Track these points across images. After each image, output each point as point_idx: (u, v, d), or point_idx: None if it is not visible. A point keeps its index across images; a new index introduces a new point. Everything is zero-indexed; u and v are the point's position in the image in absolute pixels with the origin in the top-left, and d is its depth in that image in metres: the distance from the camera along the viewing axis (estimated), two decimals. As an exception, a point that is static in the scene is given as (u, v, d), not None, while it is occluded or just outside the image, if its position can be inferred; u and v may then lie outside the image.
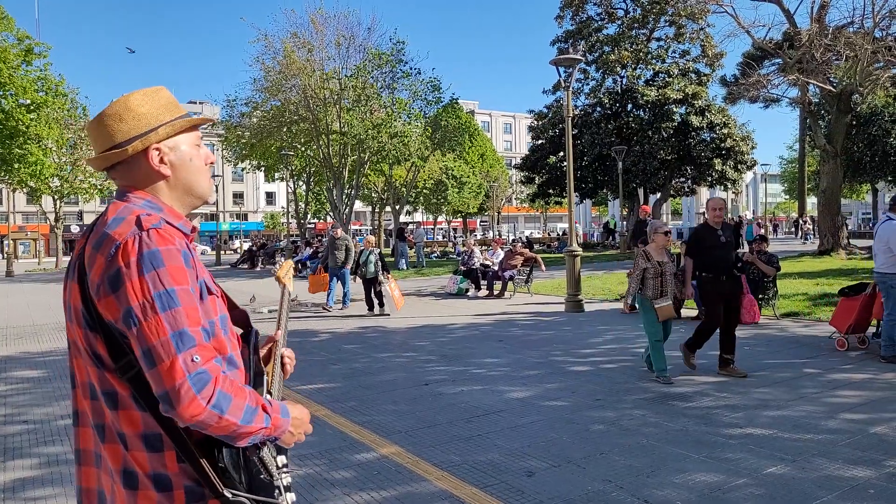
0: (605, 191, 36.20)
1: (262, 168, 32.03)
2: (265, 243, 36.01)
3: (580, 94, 34.34)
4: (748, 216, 51.33)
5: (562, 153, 32.24)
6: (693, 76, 32.44)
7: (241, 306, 1.61)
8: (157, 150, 1.44)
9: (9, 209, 42.19)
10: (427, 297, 14.78)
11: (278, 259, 24.53)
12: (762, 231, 28.14)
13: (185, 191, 1.50)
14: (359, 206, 48.85)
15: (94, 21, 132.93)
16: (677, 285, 6.55)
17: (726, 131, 30.71)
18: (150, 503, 1.33)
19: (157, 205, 1.44)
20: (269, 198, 73.36)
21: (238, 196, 72.45)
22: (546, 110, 35.34)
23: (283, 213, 55.74)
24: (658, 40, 33.77)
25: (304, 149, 27.70)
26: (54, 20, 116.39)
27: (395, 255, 25.69)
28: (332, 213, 27.47)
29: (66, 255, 48.73)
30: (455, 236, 54.74)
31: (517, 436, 4.75)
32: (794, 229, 45.23)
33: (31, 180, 31.21)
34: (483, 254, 15.86)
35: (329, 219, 32.86)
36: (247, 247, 37.51)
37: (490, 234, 53.90)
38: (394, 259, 25.27)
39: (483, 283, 14.63)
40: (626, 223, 31.12)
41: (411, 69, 25.49)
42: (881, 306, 6.92)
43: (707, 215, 6.67)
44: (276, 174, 33.00)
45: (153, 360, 1.24)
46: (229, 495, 1.32)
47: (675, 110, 30.93)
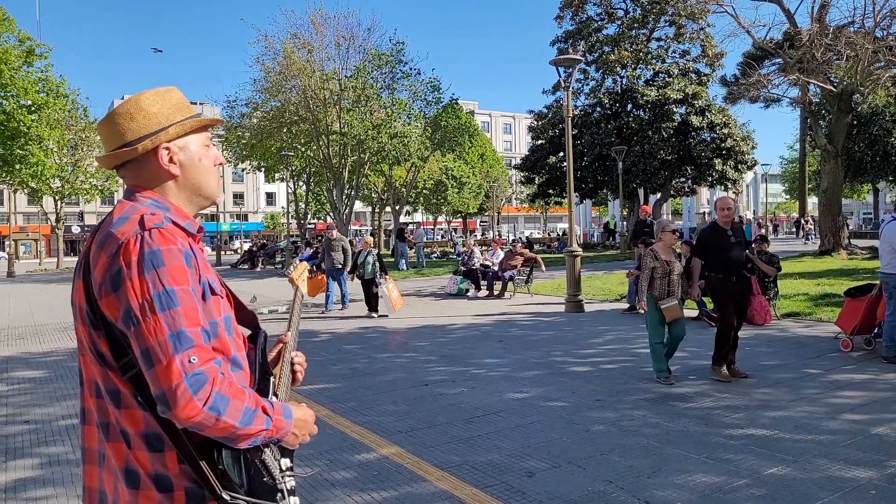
0: (605, 191, 36.20)
1: (263, 168, 32.04)
2: (265, 244, 36.05)
3: (580, 95, 34.37)
4: (748, 216, 51.29)
5: (562, 153, 32.25)
6: (693, 76, 32.43)
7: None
8: (166, 149, 1.44)
9: (10, 210, 42.16)
10: (427, 298, 14.78)
11: (289, 262, 24.53)
12: (762, 231, 28.12)
13: (194, 191, 1.50)
14: (359, 206, 48.85)
15: (94, 21, 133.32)
16: (684, 285, 6.48)
17: (727, 131, 30.70)
18: (151, 503, 1.32)
19: (164, 204, 1.44)
20: (270, 198, 73.40)
21: (238, 196, 72.48)
22: (546, 110, 35.34)
23: (283, 214, 55.75)
24: (658, 40, 33.78)
25: (304, 149, 27.71)
26: (55, 21, 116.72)
27: (395, 255, 25.69)
28: (331, 214, 27.48)
29: (67, 256, 48.79)
30: (455, 236, 54.67)
31: (517, 436, 4.74)
32: (794, 229, 45.19)
33: (32, 181, 31.25)
34: (483, 254, 15.85)
35: (329, 219, 32.83)
36: (247, 247, 37.56)
37: (490, 235, 53.89)
38: (394, 259, 25.27)
39: (483, 283, 14.63)
40: (626, 223, 31.10)
41: (411, 70, 25.53)
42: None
43: (716, 215, 6.54)
44: (277, 175, 33.00)
45: (151, 360, 1.24)
46: (227, 498, 1.31)
47: (675, 110, 30.92)
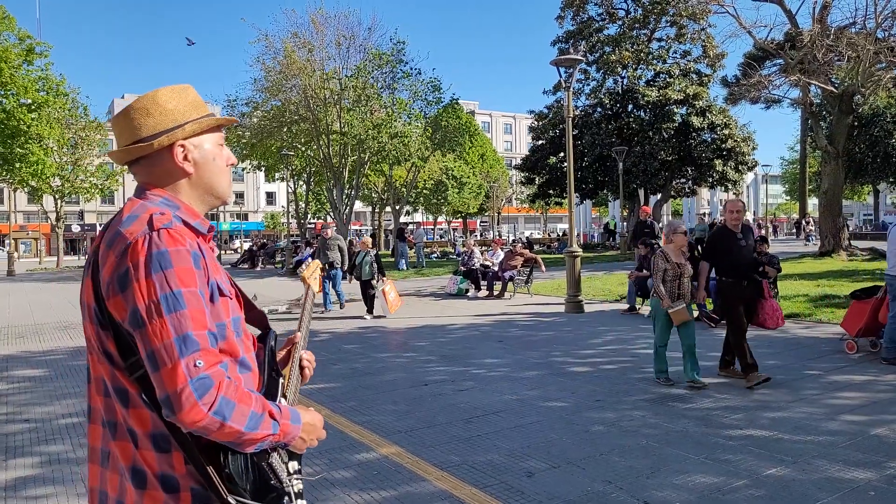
0: (605, 191, 36.18)
1: (263, 168, 32.02)
2: (265, 243, 36.06)
3: (581, 95, 34.33)
4: (748, 217, 51.29)
5: (562, 154, 32.23)
6: (694, 77, 32.40)
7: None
8: (181, 146, 1.43)
9: (10, 208, 42.16)
10: (427, 298, 14.79)
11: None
12: (762, 232, 28.12)
13: (206, 190, 1.49)
14: (359, 206, 48.87)
15: (94, 21, 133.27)
16: (692, 289, 6.29)
17: (727, 132, 30.68)
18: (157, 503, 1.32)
19: (175, 202, 1.43)
20: (270, 198, 73.40)
21: (238, 196, 72.40)
22: (546, 111, 35.32)
23: (283, 213, 55.75)
24: (659, 41, 33.75)
25: (304, 149, 27.70)
26: (55, 20, 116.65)
27: (395, 255, 25.69)
28: (332, 213, 27.49)
29: (67, 255, 48.79)
30: (455, 237, 54.69)
31: (517, 436, 4.75)
32: (795, 230, 45.20)
33: (32, 180, 31.25)
34: (483, 254, 15.86)
35: (329, 218, 32.84)
36: (247, 247, 37.57)
37: (490, 235, 53.89)
38: (394, 259, 25.27)
39: (483, 283, 14.64)
40: (626, 224, 31.10)
41: (411, 69, 25.50)
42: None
43: (725, 218, 6.43)
44: (277, 174, 32.98)
45: (156, 363, 1.23)
46: (233, 502, 1.30)
47: (675, 111, 30.90)
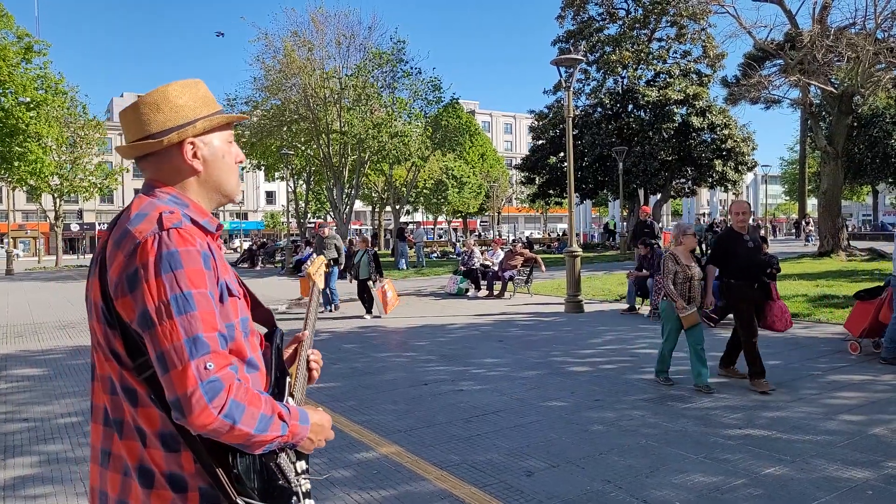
0: (605, 191, 36.17)
1: (263, 167, 32.05)
2: (265, 242, 36.05)
3: (581, 95, 34.34)
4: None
5: (562, 153, 32.23)
6: (694, 77, 32.40)
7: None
8: (191, 144, 1.41)
9: (9, 207, 42.12)
10: (427, 297, 14.79)
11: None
12: (762, 232, 28.12)
13: (215, 188, 1.47)
14: (359, 205, 48.90)
15: (94, 21, 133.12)
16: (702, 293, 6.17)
17: (727, 132, 30.69)
18: (164, 503, 1.30)
19: (184, 200, 1.41)
20: (270, 197, 73.40)
21: (238, 195, 72.50)
22: (547, 111, 35.31)
23: (283, 213, 55.77)
24: (659, 41, 33.75)
25: (304, 148, 27.71)
26: (54, 20, 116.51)
27: (395, 254, 25.69)
28: (332, 213, 27.49)
29: (66, 254, 48.76)
30: (456, 237, 54.71)
31: (516, 436, 4.75)
32: (794, 231, 45.21)
33: (30, 178, 31.21)
34: (483, 254, 15.86)
35: (329, 218, 32.83)
36: (247, 246, 37.56)
37: (490, 234, 53.89)
38: (394, 259, 25.27)
39: (483, 283, 14.64)
40: (626, 224, 31.11)
41: (412, 69, 25.52)
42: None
43: (731, 220, 6.34)
44: (277, 173, 33.00)
45: (166, 365, 1.22)
46: (241, 503, 1.29)
47: (675, 111, 30.90)
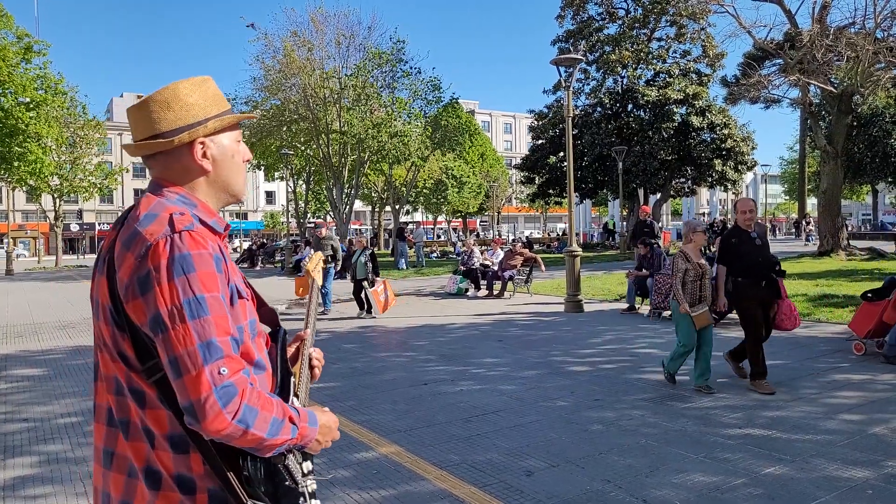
0: (605, 191, 36.17)
1: (262, 167, 32.06)
2: (265, 242, 36.05)
3: (581, 94, 34.34)
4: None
5: (562, 153, 32.23)
6: (694, 76, 32.40)
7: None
8: (201, 143, 1.40)
9: (8, 207, 42.10)
10: (426, 297, 14.79)
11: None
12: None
13: (223, 188, 1.45)
14: (359, 205, 48.87)
15: (94, 21, 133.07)
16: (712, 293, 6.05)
17: (727, 132, 30.69)
18: None
19: (192, 200, 1.39)
20: (269, 197, 73.43)
21: (238, 194, 72.48)
22: (546, 110, 35.31)
23: (282, 213, 55.77)
24: (659, 40, 33.76)
25: (303, 148, 27.73)
26: (54, 20, 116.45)
27: (395, 254, 25.70)
28: (331, 213, 27.49)
29: (66, 255, 48.73)
30: (458, 236, 54.71)
31: (516, 435, 4.75)
32: (794, 230, 45.22)
33: (30, 179, 31.19)
34: (483, 254, 15.86)
35: (329, 217, 32.83)
36: (246, 246, 37.56)
37: (489, 234, 53.90)
38: (394, 259, 25.27)
39: (483, 283, 14.64)
40: (625, 224, 31.11)
41: (411, 68, 25.54)
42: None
43: (737, 218, 6.18)
44: (276, 173, 33.02)
45: (179, 370, 1.20)
46: None
47: (675, 110, 30.90)
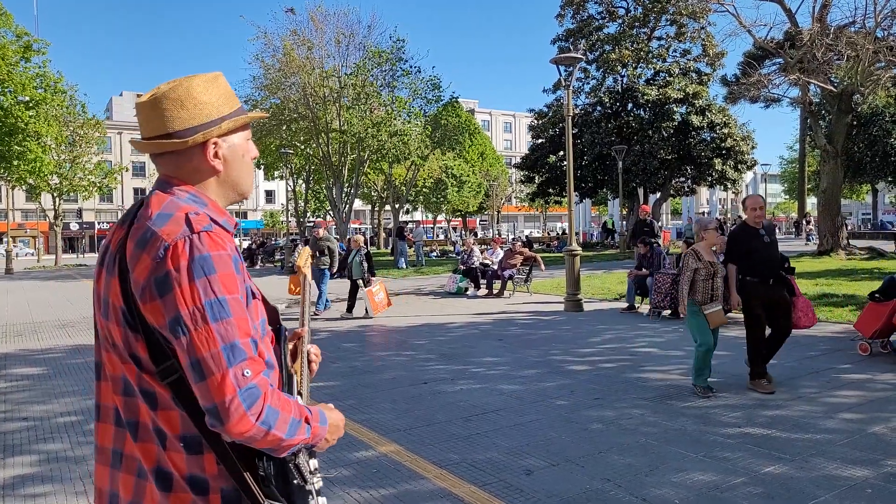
0: (604, 190, 36.18)
1: (262, 166, 32.06)
2: (264, 242, 36.04)
3: (580, 94, 34.34)
4: (744, 216, 51.11)
5: (562, 152, 32.22)
6: (694, 75, 32.40)
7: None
8: (214, 144, 1.38)
9: (8, 206, 42.06)
10: (426, 296, 14.78)
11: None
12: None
13: (232, 187, 1.44)
14: (358, 204, 48.87)
15: (94, 21, 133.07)
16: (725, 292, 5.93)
17: (727, 131, 30.70)
18: None
19: (203, 199, 1.37)
20: (269, 196, 73.44)
21: (237, 194, 72.45)
22: (546, 109, 35.30)
23: (282, 212, 55.77)
24: (659, 39, 33.75)
25: (303, 147, 27.73)
26: (54, 19, 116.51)
27: (395, 253, 25.70)
28: (331, 212, 27.49)
29: (66, 254, 48.71)
30: (456, 236, 54.72)
31: (516, 434, 4.75)
32: (794, 229, 45.23)
33: (30, 177, 31.18)
34: (482, 253, 15.85)
35: (329, 217, 32.83)
36: (246, 245, 37.54)
37: (489, 233, 53.90)
38: (393, 258, 25.27)
39: (482, 282, 14.63)
40: (625, 223, 31.11)
41: (411, 67, 25.55)
42: None
43: (745, 215, 6.08)
44: (276, 172, 33.01)
45: (202, 372, 1.19)
46: None
47: (675, 110, 30.91)
